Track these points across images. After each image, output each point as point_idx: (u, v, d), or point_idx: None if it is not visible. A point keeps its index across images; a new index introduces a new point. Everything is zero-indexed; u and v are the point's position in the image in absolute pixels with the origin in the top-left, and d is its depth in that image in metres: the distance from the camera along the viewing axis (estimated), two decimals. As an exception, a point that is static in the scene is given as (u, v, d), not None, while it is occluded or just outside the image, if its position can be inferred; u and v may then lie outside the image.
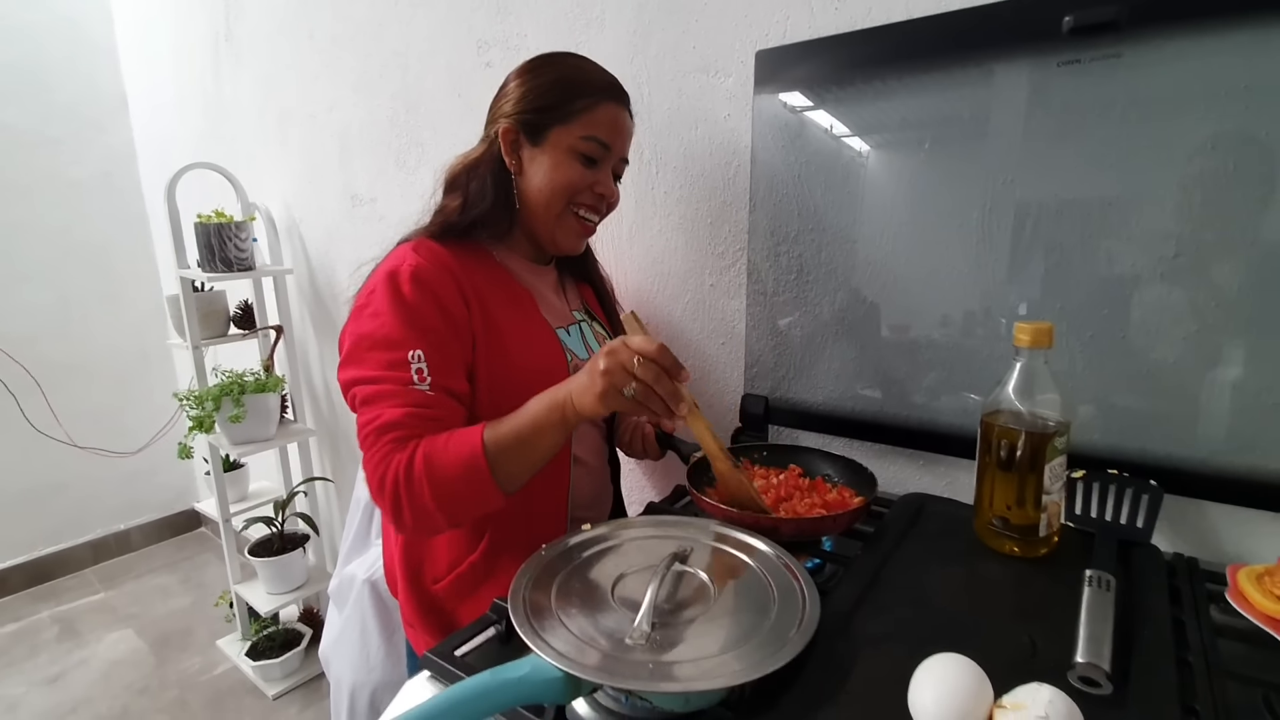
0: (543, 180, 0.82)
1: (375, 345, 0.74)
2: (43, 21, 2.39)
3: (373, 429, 0.71)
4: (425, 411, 0.72)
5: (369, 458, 0.71)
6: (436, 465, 0.68)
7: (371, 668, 1.36)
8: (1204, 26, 0.66)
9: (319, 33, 1.68)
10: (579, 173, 0.81)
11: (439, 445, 0.69)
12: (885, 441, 0.94)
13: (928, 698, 0.43)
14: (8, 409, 2.37)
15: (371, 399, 0.72)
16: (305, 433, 2.03)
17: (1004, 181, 0.79)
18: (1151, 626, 0.54)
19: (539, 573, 0.59)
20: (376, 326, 0.74)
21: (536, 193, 0.82)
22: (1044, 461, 0.63)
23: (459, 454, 0.68)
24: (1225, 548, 0.74)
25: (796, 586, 0.56)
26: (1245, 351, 0.69)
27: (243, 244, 1.82)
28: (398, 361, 0.72)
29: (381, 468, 0.70)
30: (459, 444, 0.69)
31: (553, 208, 0.83)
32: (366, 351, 0.74)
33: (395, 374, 0.72)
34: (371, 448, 0.71)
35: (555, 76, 0.81)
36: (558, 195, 0.82)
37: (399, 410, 0.71)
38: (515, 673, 0.45)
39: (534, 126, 0.81)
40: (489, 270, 0.84)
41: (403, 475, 0.68)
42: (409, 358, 0.72)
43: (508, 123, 0.81)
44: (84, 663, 2.07)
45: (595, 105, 0.80)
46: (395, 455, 0.69)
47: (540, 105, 0.80)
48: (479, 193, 0.83)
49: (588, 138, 0.80)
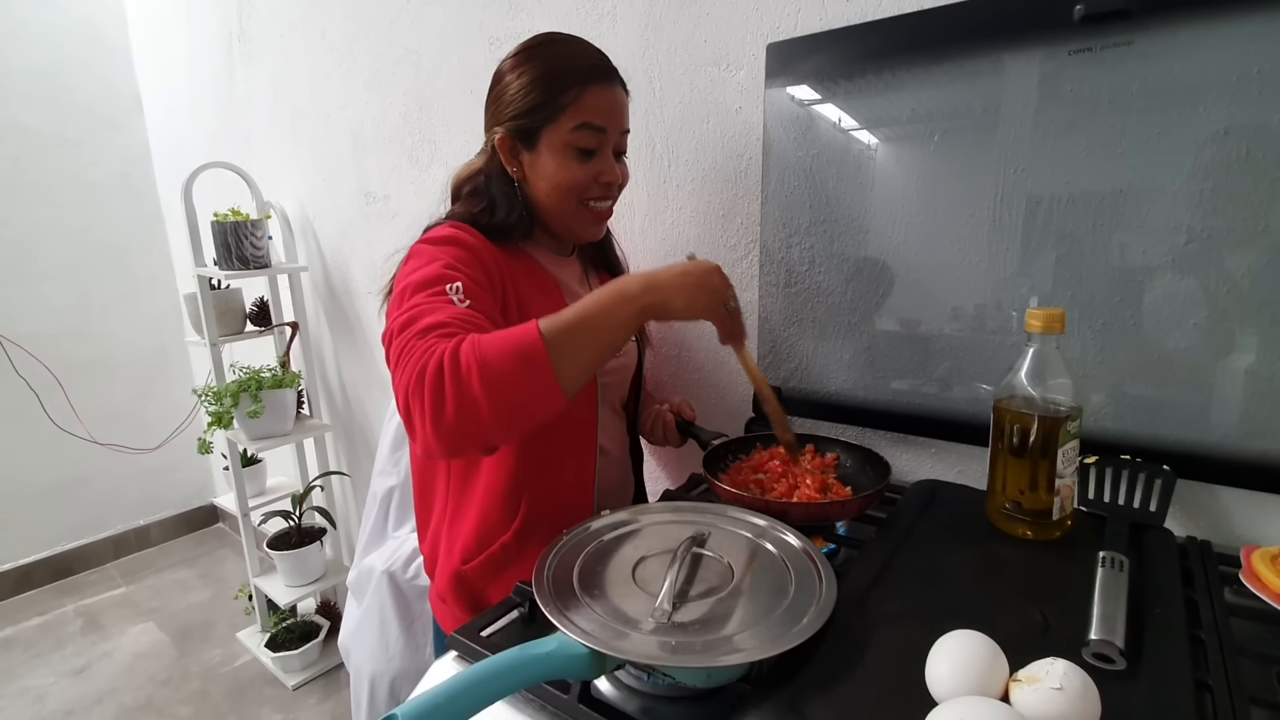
0: (547, 184, 0.82)
1: (413, 289, 0.70)
2: (61, 24, 2.43)
3: (412, 333, 0.64)
4: (470, 319, 0.67)
5: (407, 356, 0.63)
6: (487, 349, 0.60)
7: (390, 657, 1.38)
8: (1216, 13, 0.66)
9: (331, 31, 1.70)
10: (581, 169, 0.81)
11: (489, 335, 0.62)
12: (897, 430, 0.95)
13: (944, 671, 0.44)
14: (30, 406, 2.42)
15: (409, 321, 0.66)
16: (321, 428, 2.06)
17: (1015, 171, 0.79)
18: (1165, 606, 0.54)
19: (562, 556, 0.61)
20: (416, 275, 0.72)
21: (545, 196, 0.83)
22: (1056, 446, 0.64)
23: (512, 338, 0.61)
24: (1238, 531, 0.74)
25: (813, 568, 0.58)
26: (1257, 337, 0.69)
27: (258, 242, 1.85)
28: (436, 294, 0.69)
29: (423, 359, 0.61)
30: (511, 332, 0.62)
31: (565, 207, 0.84)
32: (408, 298, 0.70)
33: (434, 300, 0.69)
34: (410, 350, 0.63)
35: (535, 75, 0.79)
36: (566, 197, 0.83)
37: (442, 315, 0.66)
38: (543, 648, 0.46)
39: (526, 132, 0.81)
40: (519, 259, 0.86)
41: (448, 361, 0.60)
42: (447, 289, 0.70)
43: (501, 132, 0.82)
44: (108, 655, 2.12)
45: (580, 95, 0.79)
46: (439, 345, 0.61)
47: (527, 108, 0.79)
48: (504, 201, 0.84)
49: (580, 127, 0.79)
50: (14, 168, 2.36)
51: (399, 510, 1.45)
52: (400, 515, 1.45)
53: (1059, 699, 0.40)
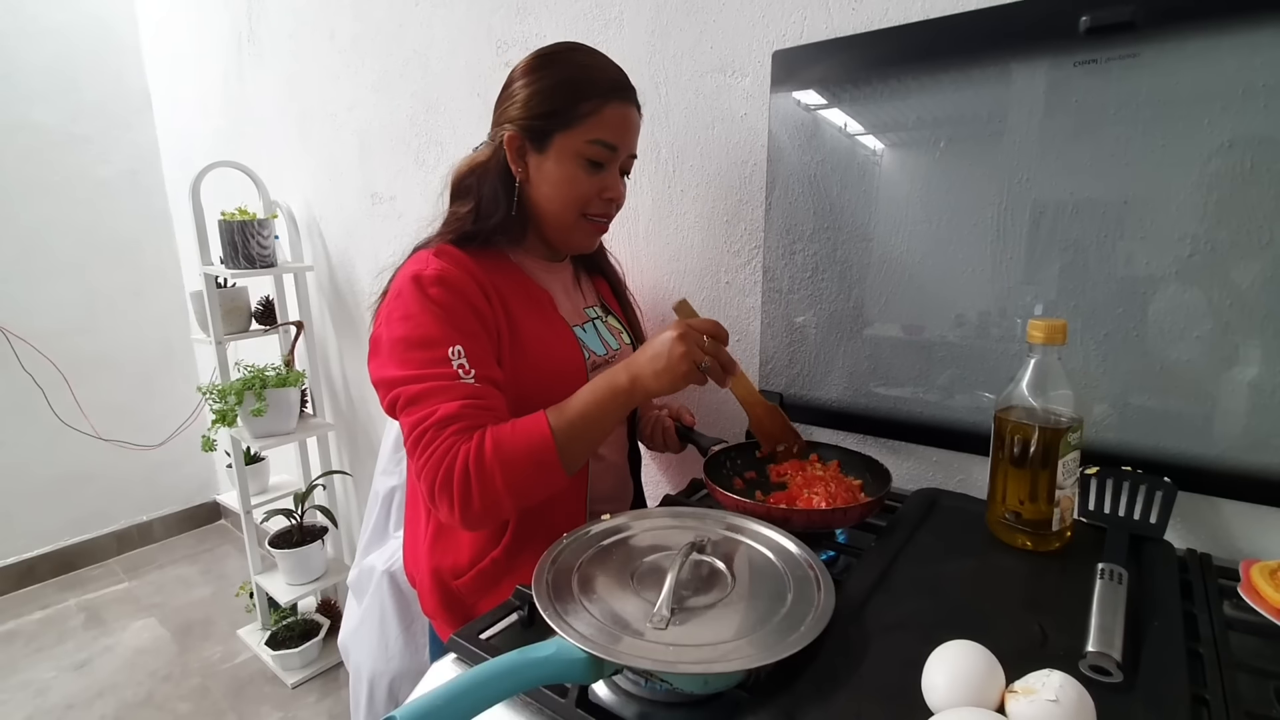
0: (551, 191, 0.81)
1: (413, 345, 0.74)
2: (73, 21, 2.44)
3: (430, 424, 0.70)
4: (479, 402, 0.72)
5: (429, 453, 0.70)
6: (506, 451, 0.69)
7: (390, 657, 1.38)
8: (1221, 26, 0.66)
9: (340, 33, 1.71)
10: (587, 181, 0.81)
11: (505, 432, 0.70)
12: (899, 438, 0.95)
13: (941, 681, 0.44)
14: (36, 402, 2.43)
15: (419, 397, 0.72)
16: (324, 427, 2.06)
17: (1020, 181, 0.79)
18: (1163, 618, 0.54)
19: (562, 559, 0.61)
20: (412, 328, 0.74)
21: (547, 202, 0.83)
22: (1057, 457, 0.64)
23: (528, 439, 0.70)
24: (1239, 544, 0.74)
25: (811, 575, 0.58)
26: (1261, 350, 0.69)
27: (265, 241, 1.86)
28: (439, 359, 0.73)
29: (448, 459, 0.69)
30: (526, 430, 0.71)
31: (565, 217, 0.83)
32: (405, 352, 0.74)
33: (440, 370, 0.72)
34: (431, 444, 0.70)
35: (559, 79, 0.79)
36: (569, 208, 0.82)
37: (454, 404, 0.71)
38: (542, 652, 0.47)
39: (539, 133, 0.80)
40: (508, 273, 0.85)
41: (473, 463, 0.69)
42: (449, 354, 0.73)
43: (512, 129, 0.80)
44: (109, 650, 2.13)
45: (601, 107, 0.79)
46: (461, 445, 0.69)
47: (544, 111, 0.79)
48: (492, 201, 0.83)
49: (594, 141, 0.79)
50: (23, 163, 2.37)
51: (400, 510, 1.45)
52: (401, 515, 1.45)
53: (1055, 711, 0.40)
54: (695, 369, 0.70)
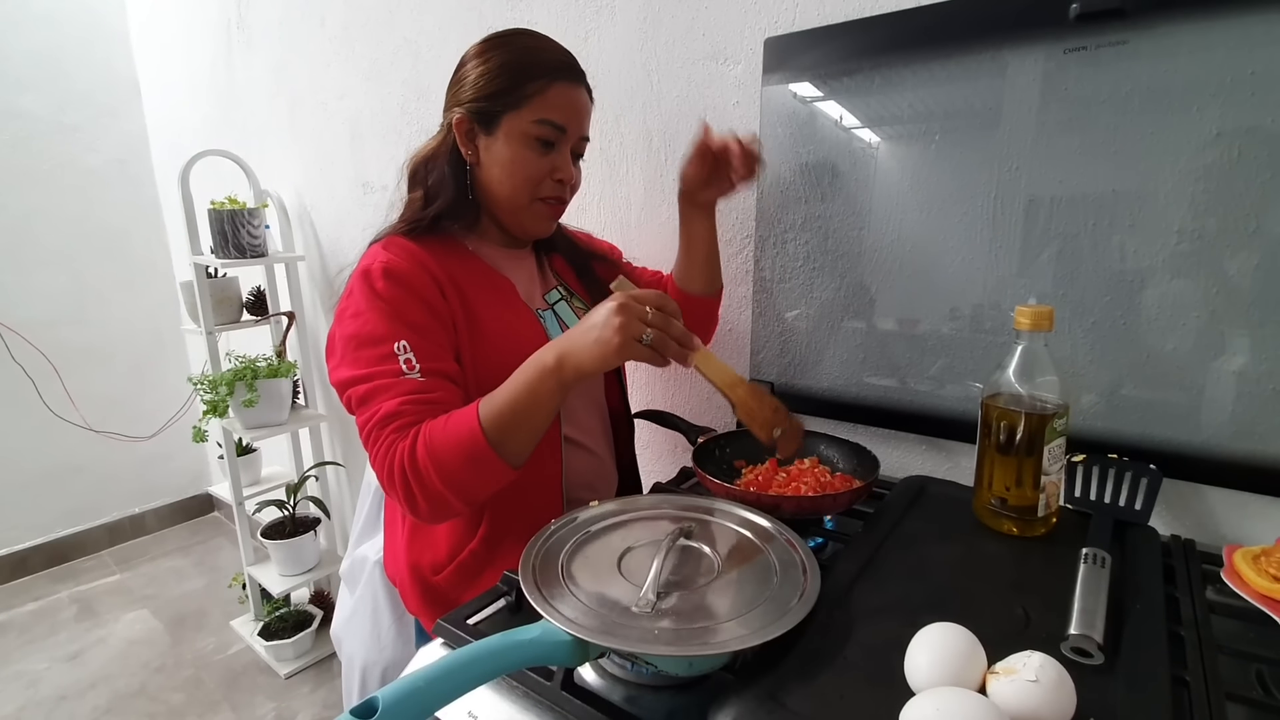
0: (502, 173, 0.81)
1: (361, 344, 0.74)
2: (61, 8, 2.42)
3: (374, 423, 0.71)
4: (421, 396, 0.72)
5: (374, 453, 0.71)
6: (439, 450, 0.68)
7: (383, 647, 1.38)
8: (1211, 13, 0.66)
9: (330, 20, 1.70)
10: (536, 162, 0.81)
11: (438, 429, 0.69)
12: (889, 426, 0.96)
13: (923, 662, 0.44)
14: (26, 393, 2.42)
15: (367, 396, 0.72)
16: (316, 418, 2.06)
17: (1011, 169, 0.79)
18: (1145, 602, 0.55)
19: (549, 545, 0.61)
20: (359, 325, 0.75)
21: (498, 185, 0.82)
22: (1043, 443, 0.64)
23: (459, 436, 0.68)
24: (1223, 530, 0.75)
25: (798, 560, 0.58)
26: (1248, 339, 0.70)
27: (255, 231, 1.85)
28: (385, 355, 0.73)
29: (388, 460, 0.69)
30: (457, 426, 0.68)
31: (517, 200, 0.83)
32: (354, 351, 0.74)
33: (385, 367, 0.72)
34: (376, 443, 0.71)
35: (504, 60, 0.79)
36: (520, 190, 0.82)
37: (395, 400, 0.71)
38: (527, 635, 0.47)
39: (486, 114, 0.80)
40: (463, 260, 0.85)
41: (408, 464, 0.68)
42: (395, 349, 0.73)
43: (461, 112, 0.80)
44: (102, 641, 2.12)
45: (547, 87, 0.79)
46: (398, 445, 0.69)
47: (491, 92, 0.79)
48: (439, 185, 0.83)
49: (541, 121, 0.79)
50: (11, 152, 2.35)
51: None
52: (394, 505, 1.45)
53: (1034, 691, 0.40)
54: (634, 342, 0.64)
